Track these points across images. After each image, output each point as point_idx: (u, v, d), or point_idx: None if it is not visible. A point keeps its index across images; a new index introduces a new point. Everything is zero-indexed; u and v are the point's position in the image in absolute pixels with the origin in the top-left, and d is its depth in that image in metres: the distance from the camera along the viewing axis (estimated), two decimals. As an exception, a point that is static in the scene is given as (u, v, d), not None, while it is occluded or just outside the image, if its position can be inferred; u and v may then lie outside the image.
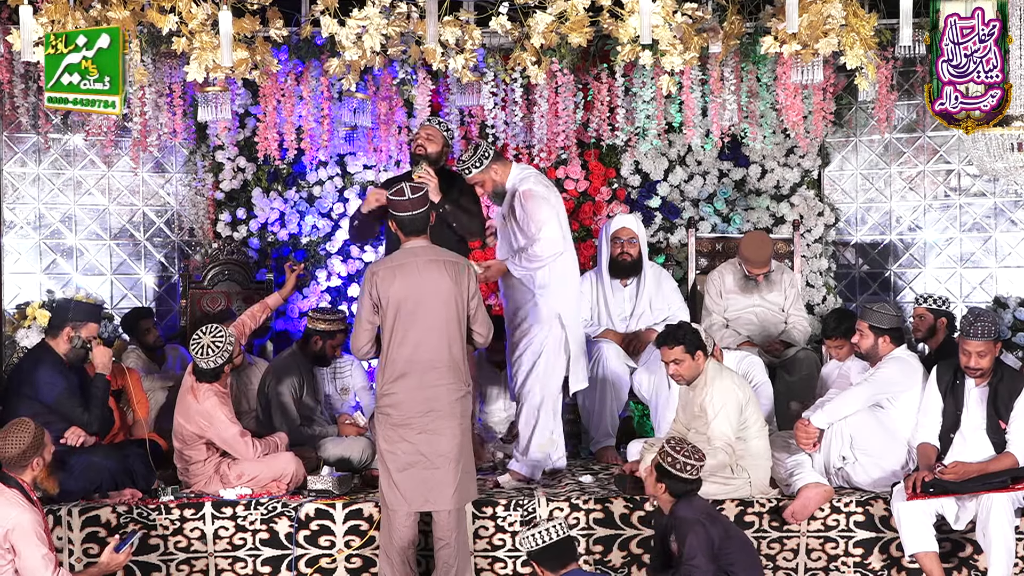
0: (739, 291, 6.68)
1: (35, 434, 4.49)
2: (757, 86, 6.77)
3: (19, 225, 7.33)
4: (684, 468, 4.50)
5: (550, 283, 5.62)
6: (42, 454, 4.52)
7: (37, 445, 4.49)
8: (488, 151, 5.67)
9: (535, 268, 5.58)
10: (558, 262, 5.61)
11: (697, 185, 7.57)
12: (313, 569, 5.24)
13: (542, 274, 5.60)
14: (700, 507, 4.56)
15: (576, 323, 5.79)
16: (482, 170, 5.66)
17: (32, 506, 4.45)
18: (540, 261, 5.55)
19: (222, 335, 5.45)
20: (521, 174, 5.72)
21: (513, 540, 5.24)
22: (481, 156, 5.65)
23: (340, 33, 5.77)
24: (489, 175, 5.68)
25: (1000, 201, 7.38)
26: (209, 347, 5.41)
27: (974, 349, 5.06)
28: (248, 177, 7.59)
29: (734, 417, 5.16)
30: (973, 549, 5.17)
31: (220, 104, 6.41)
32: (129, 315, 6.84)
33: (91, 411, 5.51)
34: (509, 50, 6.39)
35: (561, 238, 5.59)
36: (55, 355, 5.58)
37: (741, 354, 6.08)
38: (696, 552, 4.38)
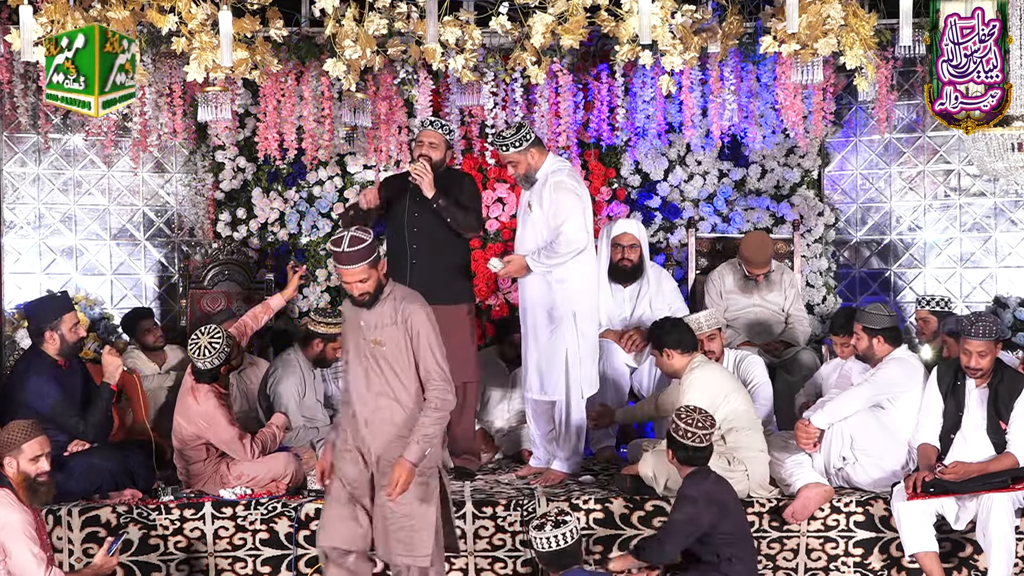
0: (739, 291, 6.69)
1: (12, 433, 4.42)
2: (757, 86, 6.77)
3: (19, 225, 7.34)
4: (687, 435, 4.65)
5: (568, 278, 5.62)
6: (15, 456, 4.41)
7: (9, 444, 4.40)
8: (529, 134, 5.66)
9: (554, 265, 5.58)
10: (579, 259, 5.61)
11: (697, 185, 7.57)
12: (313, 569, 5.24)
13: (561, 269, 5.60)
14: (705, 488, 4.65)
15: (590, 324, 5.77)
16: (521, 151, 5.64)
17: (22, 506, 4.41)
18: (560, 257, 5.55)
19: (219, 336, 5.44)
20: (556, 165, 5.71)
21: (513, 540, 5.24)
22: (522, 137, 5.63)
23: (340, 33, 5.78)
24: (525, 157, 5.66)
25: (1000, 201, 7.38)
26: (206, 348, 5.40)
27: (975, 349, 5.06)
28: (248, 177, 7.59)
29: (706, 401, 5.16)
30: (973, 549, 5.17)
31: (220, 104, 6.41)
32: (129, 315, 6.84)
33: (89, 418, 5.46)
34: (509, 50, 6.39)
35: (584, 234, 5.59)
36: (47, 360, 5.50)
37: (741, 354, 6.08)
38: (676, 527, 4.61)
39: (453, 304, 5.85)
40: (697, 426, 4.65)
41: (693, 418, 4.68)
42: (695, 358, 5.39)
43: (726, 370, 5.65)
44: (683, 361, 5.38)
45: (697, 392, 5.23)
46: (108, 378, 5.53)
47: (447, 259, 5.87)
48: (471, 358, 5.97)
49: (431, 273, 5.82)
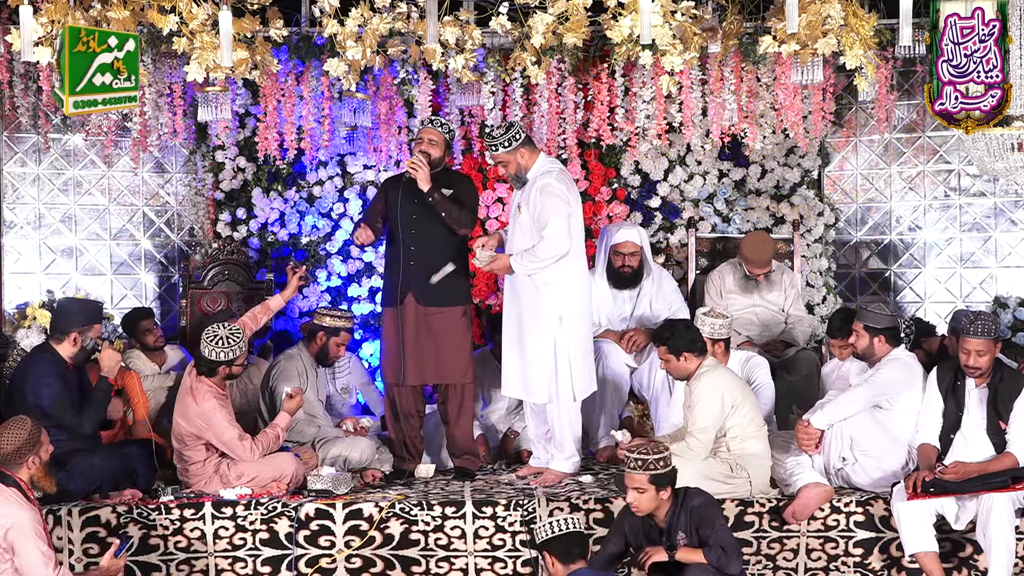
0: (739, 291, 6.68)
1: (31, 432, 4.46)
2: (757, 86, 6.77)
3: (19, 225, 7.34)
4: (660, 463, 4.53)
5: (554, 282, 5.61)
6: (38, 452, 4.48)
7: (33, 443, 4.46)
8: (519, 134, 5.64)
9: (535, 269, 5.57)
10: (565, 263, 5.59)
11: (697, 185, 7.57)
12: (313, 569, 5.24)
13: (547, 272, 5.59)
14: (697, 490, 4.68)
15: (580, 326, 5.74)
16: (510, 151, 5.63)
17: (31, 504, 4.43)
18: (540, 262, 5.53)
19: (240, 333, 5.48)
20: (546, 166, 5.68)
21: (513, 540, 5.24)
22: (512, 137, 5.61)
23: (340, 33, 5.78)
24: (515, 157, 5.64)
25: (1000, 201, 7.38)
26: (225, 339, 5.42)
27: (973, 347, 5.06)
28: (248, 177, 7.58)
29: (716, 410, 5.18)
30: (973, 549, 5.17)
31: (220, 104, 6.41)
32: (129, 315, 6.83)
33: (87, 414, 5.46)
34: (509, 50, 6.39)
35: (567, 238, 5.53)
36: (56, 357, 5.52)
37: (747, 354, 6.07)
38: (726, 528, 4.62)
39: (450, 305, 5.86)
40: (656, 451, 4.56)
41: (645, 448, 4.57)
42: (706, 361, 5.35)
43: (735, 373, 5.60)
44: (697, 363, 5.31)
45: (707, 401, 5.19)
46: (107, 372, 5.54)
47: (444, 259, 5.85)
48: (468, 359, 5.97)
49: (428, 273, 5.82)
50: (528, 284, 5.64)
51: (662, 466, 4.54)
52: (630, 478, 4.55)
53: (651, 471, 4.52)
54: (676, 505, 4.61)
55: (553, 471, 5.76)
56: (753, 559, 5.22)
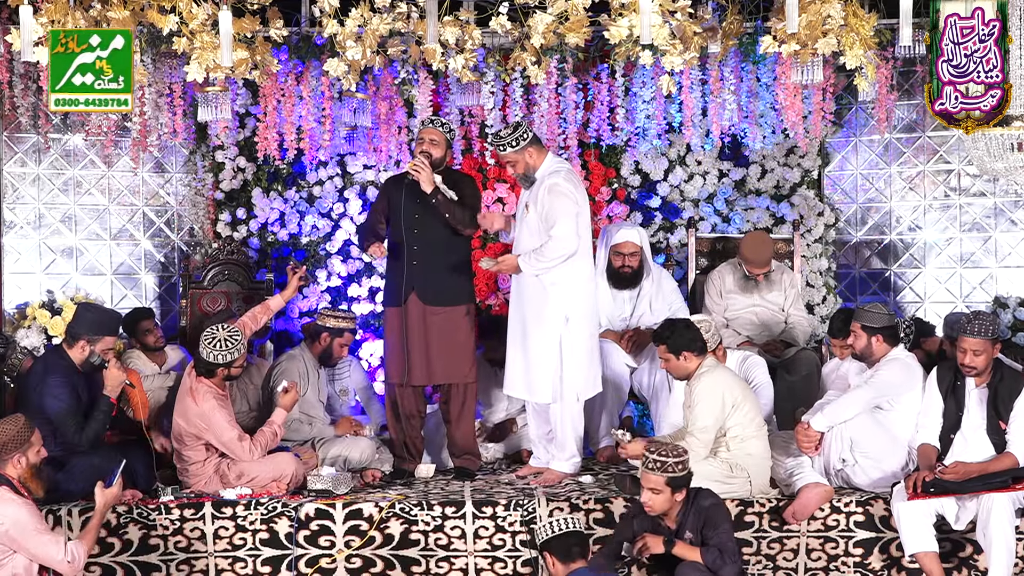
0: (739, 291, 6.68)
1: (20, 430, 4.42)
2: (757, 86, 6.77)
3: (19, 225, 7.34)
4: (678, 466, 4.55)
5: (560, 281, 5.61)
6: (25, 452, 4.42)
7: (20, 442, 4.40)
8: (527, 133, 5.63)
9: (543, 268, 5.57)
10: (573, 262, 5.59)
11: (697, 185, 7.57)
12: (313, 569, 5.24)
13: (554, 272, 5.58)
14: (708, 491, 4.70)
15: (586, 326, 5.74)
16: (518, 150, 5.62)
17: (24, 499, 4.39)
18: (548, 261, 5.53)
19: (238, 335, 5.47)
20: (554, 166, 5.68)
21: (513, 540, 5.24)
22: (519, 136, 5.61)
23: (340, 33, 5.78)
24: (523, 157, 5.63)
25: (1000, 201, 7.38)
26: (224, 341, 5.42)
27: (970, 347, 5.06)
28: (248, 177, 7.59)
29: (716, 409, 5.18)
30: (973, 549, 5.17)
31: (220, 104, 6.41)
32: (129, 315, 6.83)
33: (86, 433, 5.38)
34: (509, 50, 6.39)
35: (575, 238, 5.54)
36: (68, 363, 5.48)
37: (744, 354, 6.07)
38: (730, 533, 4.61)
39: (453, 305, 5.86)
40: (675, 453, 4.57)
41: (665, 450, 4.57)
42: (706, 360, 5.35)
43: (734, 372, 5.60)
44: (697, 362, 5.31)
45: (708, 401, 5.20)
46: (109, 392, 5.48)
47: (447, 259, 5.86)
48: (471, 359, 5.97)
49: (431, 273, 5.82)
50: (535, 284, 5.64)
51: (680, 469, 4.55)
52: (646, 478, 4.56)
53: (669, 473, 4.54)
54: (687, 505, 4.64)
55: (553, 471, 5.76)
56: (753, 559, 5.22)
